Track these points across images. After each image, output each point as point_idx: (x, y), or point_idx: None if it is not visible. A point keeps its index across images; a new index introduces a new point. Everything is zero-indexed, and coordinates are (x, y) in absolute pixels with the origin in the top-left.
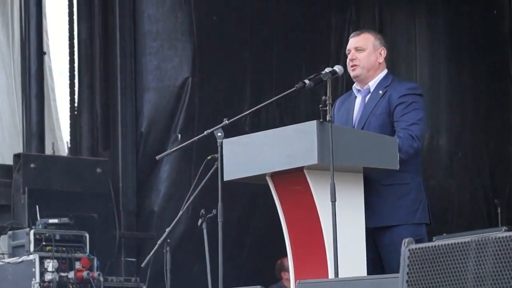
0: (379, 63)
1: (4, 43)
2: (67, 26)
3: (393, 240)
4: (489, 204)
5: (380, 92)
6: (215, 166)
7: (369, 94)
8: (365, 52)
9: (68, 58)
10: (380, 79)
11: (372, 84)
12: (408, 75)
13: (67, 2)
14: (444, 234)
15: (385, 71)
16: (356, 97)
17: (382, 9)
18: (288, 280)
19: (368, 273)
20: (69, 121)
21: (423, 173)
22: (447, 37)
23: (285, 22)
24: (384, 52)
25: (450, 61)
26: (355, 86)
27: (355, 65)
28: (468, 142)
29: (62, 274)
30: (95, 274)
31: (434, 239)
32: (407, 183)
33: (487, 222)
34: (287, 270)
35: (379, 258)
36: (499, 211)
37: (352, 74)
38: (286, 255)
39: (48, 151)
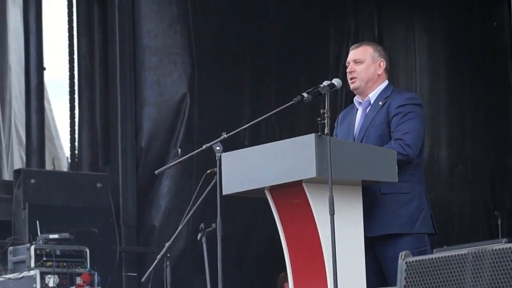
0: (378, 75)
1: (3, 58)
2: (67, 42)
3: (394, 252)
4: (489, 216)
5: (380, 103)
6: (214, 180)
7: (370, 106)
8: (363, 64)
9: (68, 73)
10: (380, 90)
11: (373, 95)
12: (408, 87)
13: (66, 18)
14: (445, 246)
15: (386, 82)
16: (357, 109)
17: (381, 21)
18: None
19: (370, 285)
20: (69, 136)
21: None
22: (447, 49)
23: (283, 35)
24: (383, 64)
25: (450, 73)
26: (356, 99)
27: (354, 78)
28: (468, 154)
29: None
30: None
31: (434, 251)
32: (408, 192)
33: (487, 234)
34: None
35: (381, 270)
36: (499, 222)
37: (351, 86)
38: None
39: (49, 166)
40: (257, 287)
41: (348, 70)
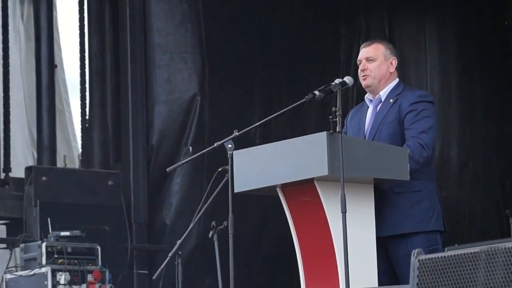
0: (390, 73)
1: (14, 56)
2: (78, 40)
3: (406, 251)
4: (500, 215)
5: (391, 100)
6: (225, 178)
7: (381, 104)
8: (376, 62)
9: (79, 71)
10: (391, 88)
11: (383, 93)
12: (418, 85)
13: (77, 16)
14: (456, 245)
15: (397, 80)
16: (368, 107)
17: (392, 20)
18: None
19: (381, 284)
20: (80, 134)
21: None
22: (458, 47)
23: (294, 33)
24: (395, 62)
25: (461, 72)
26: (367, 96)
27: (366, 75)
28: (479, 153)
29: (74, 286)
30: (107, 286)
31: (445, 250)
32: (420, 191)
33: (498, 232)
34: None
35: (392, 269)
36: (510, 221)
37: (363, 84)
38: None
39: (60, 164)
40: (268, 285)
41: (360, 68)
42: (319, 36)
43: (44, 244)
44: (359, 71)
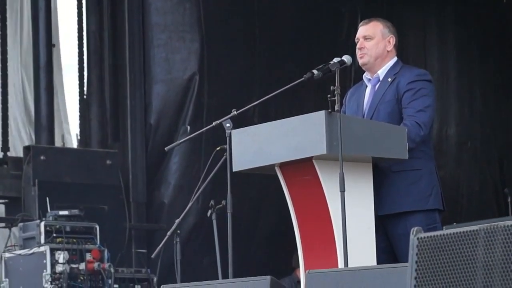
0: (388, 51)
1: (12, 36)
2: (76, 19)
3: (405, 229)
4: (498, 194)
5: (389, 79)
6: (224, 157)
7: (379, 83)
8: (373, 40)
9: (77, 50)
10: (389, 67)
11: (382, 72)
12: (417, 64)
13: None
14: (454, 223)
15: (395, 58)
16: (366, 86)
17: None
18: None
19: (380, 262)
20: (78, 114)
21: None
22: (456, 27)
23: (293, 12)
24: (393, 40)
25: (459, 51)
26: (365, 75)
27: (363, 54)
28: (477, 132)
29: (73, 265)
30: (106, 265)
31: (444, 229)
32: (419, 169)
33: (496, 212)
34: None
35: (391, 247)
36: (509, 200)
37: (360, 62)
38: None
39: (58, 143)
40: (267, 264)
41: (358, 46)
42: (319, 15)
43: (42, 223)
44: (356, 49)
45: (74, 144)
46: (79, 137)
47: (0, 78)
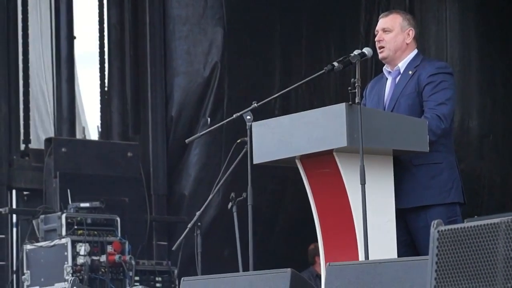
0: (407, 44)
1: (34, 28)
2: (97, 11)
3: (426, 222)
4: None
5: (410, 72)
6: (244, 149)
7: (399, 75)
8: (392, 33)
9: (98, 43)
10: (410, 59)
11: (402, 65)
12: (438, 57)
13: None
14: (476, 216)
15: (415, 51)
16: (387, 79)
17: None
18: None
19: (400, 255)
20: (99, 106)
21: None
22: (478, 18)
23: (314, 4)
24: (412, 33)
25: (481, 43)
26: (386, 68)
27: (382, 47)
28: (499, 125)
29: (94, 257)
30: (127, 257)
31: (464, 222)
32: (440, 162)
33: None
34: None
35: (412, 240)
36: None
37: (379, 56)
38: (317, 239)
39: (79, 135)
40: (287, 256)
41: (376, 39)
42: (339, 7)
43: (64, 215)
44: (376, 42)
45: (95, 136)
46: (100, 129)
47: (22, 69)
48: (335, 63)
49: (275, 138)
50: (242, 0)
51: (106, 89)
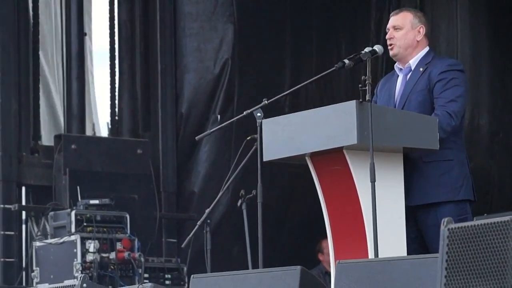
0: (417, 41)
1: (45, 25)
2: (107, 8)
3: (436, 219)
4: None
5: (421, 69)
6: (254, 146)
7: (410, 72)
8: (402, 30)
9: (108, 40)
10: (421, 57)
11: (413, 62)
12: (449, 54)
13: None
14: (485, 214)
15: (427, 48)
16: (398, 76)
17: None
18: (324, 261)
19: (411, 253)
20: (109, 103)
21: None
22: (489, 16)
23: (325, 2)
24: (423, 30)
25: (492, 41)
26: (397, 65)
27: (393, 44)
28: (509, 122)
29: (104, 254)
30: (136, 254)
31: (474, 219)
32: (450, 160)
33: None
34: (323, 252)
35: (422, 237)
36: None
37: (390, 53)
38: (326, 237)
39: (89, 132)
40: (296, 254)
41: (387, 36)
42: (350, 5)
43: (73, 212)
44: (387, 39)
45: (105, 133)
46: (110, 126)
47: (32, 65)
48: (346, 61)
49: (285, 136)
50: None
51: (116, 86)
